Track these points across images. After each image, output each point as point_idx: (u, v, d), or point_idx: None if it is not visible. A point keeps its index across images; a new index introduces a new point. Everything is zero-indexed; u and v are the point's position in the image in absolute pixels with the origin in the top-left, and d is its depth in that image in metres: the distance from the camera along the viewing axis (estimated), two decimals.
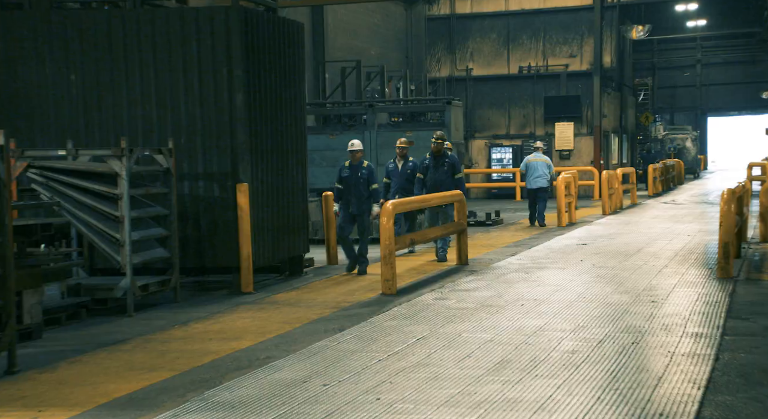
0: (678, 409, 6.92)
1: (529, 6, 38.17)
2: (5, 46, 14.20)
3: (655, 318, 10.65)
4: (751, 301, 11.64)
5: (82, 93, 14.06)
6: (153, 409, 7.32)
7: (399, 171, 17.46)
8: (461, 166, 17.82)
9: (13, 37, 14.24)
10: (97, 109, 14.00)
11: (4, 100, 13.94)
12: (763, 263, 15.25)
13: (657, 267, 14.86)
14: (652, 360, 8.60)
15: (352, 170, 15.36)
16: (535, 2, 38.24)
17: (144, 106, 13.95)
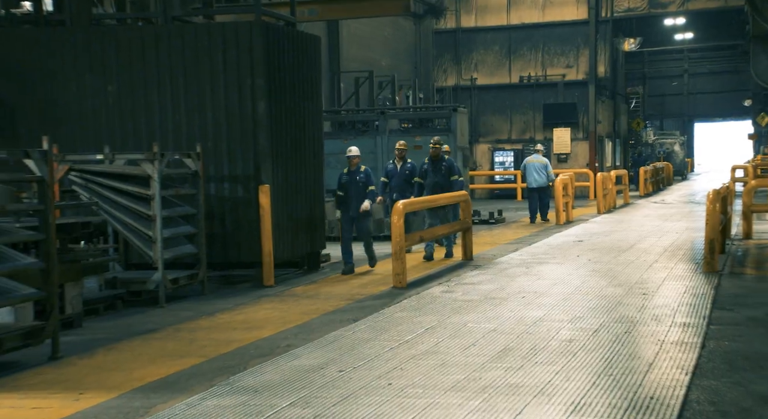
0: (667, 393, 6.93)
1: (529, 20, 38.11)
2: (50, 59, 14.27)
3: (646, 309, 10.65)
4: (734, 293, 11.62)
5: (118, 102, 14.13)
6: (183, 392, 7.35)
7: (398, 172, 17.13)
8: (458, 169, 17.54)
9: (56, 51, 14.32)
10: (132, 116, 14.07)
11: (48, 108, 14.02)
12: (746, 258, 15.23)
13: (648, 262, 14.85)
14: (643, 347, 8.60)
15: (351, 175, 14.83)
16: (534, 16, 38.17)
17: (174, 113, 14.00)
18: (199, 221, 12.79)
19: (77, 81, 14.21)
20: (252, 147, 13.59)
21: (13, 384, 7.92)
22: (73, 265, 10.50)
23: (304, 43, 15.71)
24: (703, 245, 14.06)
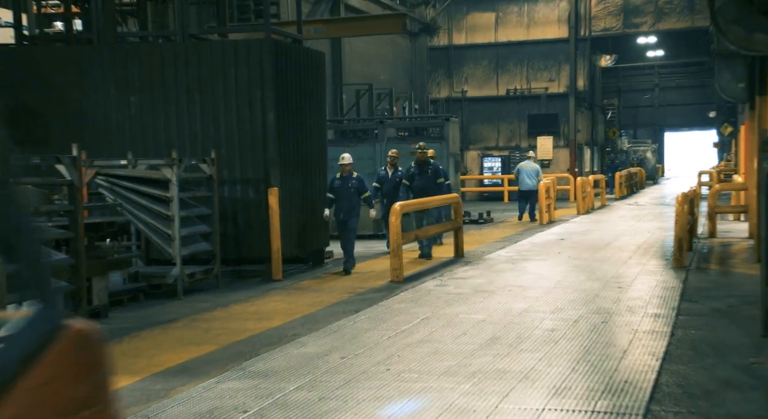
0: (640, 377, 6.98)
1: (515, 38, 38.16)
2: (79, 73, 14.31)
3: (621, 301, 10.71)
4: (700, 287, 11.68)
5: (140, 112, 14.17)
6: (200, 376, 7.39)
7: (389, 178, 16.76)
8: (444, 172, 17.28)
9: (85, 65, 14.36)
10: (152, 126, 14.11)
11: (78, 118, 14.07)
12: (711, 255, 15.28)
13: (623, 259, 14.91)
14: (618, 336, 8.65)
15: (343, 181, 14.40)
16: (520, 35, 38.23)
17: (191, 123, 14.04)
18: (213, 221, 12.84)
19: (104, 94, 14.25)
20: (262, 154, 13.64)
21: None
22: (100, 261, 10.55)
23: (309, 59, 15.76)
24: (673, 243, 14.11)
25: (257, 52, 13.99)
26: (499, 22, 38.68)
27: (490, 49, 38.58)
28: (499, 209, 28.91)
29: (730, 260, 14.50)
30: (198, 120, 14.04)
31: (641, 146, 53.00)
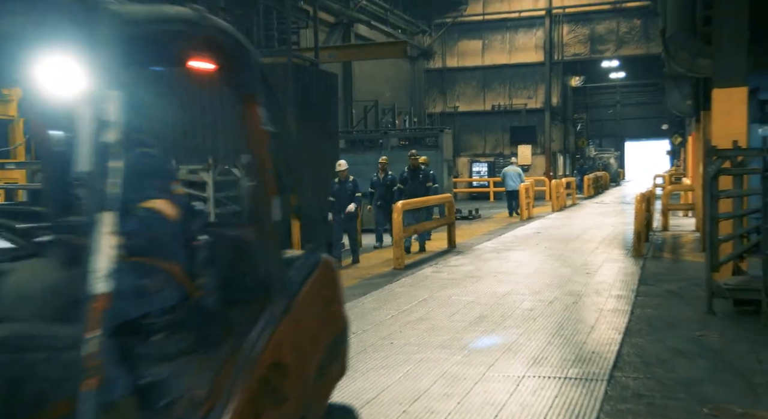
0: (605, 348, 7.00)
1: (499, 62, 38.12)
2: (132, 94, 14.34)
3: (589, 284, 10.71)
4: (655, 272, 11.65)
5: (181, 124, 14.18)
6: None
7: (380, 182, 15.83)
8: (434, 177, 16.46)
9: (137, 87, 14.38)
10: (192, 135, 14.12)
11: None
12: (664, 246, 15.24)
13: (590, 249, 14.88)
14: (587, 314, 8.66)
15: (341, 185, 13.79)
16: (503, 59, 38.19)
17: (224, 134, 14.05)
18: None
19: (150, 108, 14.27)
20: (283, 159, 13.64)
21: None
22: None
23: (324, 78, 15.78)
24: (632, 236, 14.10)
25: (281, 74, 14.01)
26: (485, 49, 38.62)
27: (477, 71, 38.55)
28: (486, 206, 28.85)
29: (680, 250, 14.47)
30: (230, 132, 14.04)
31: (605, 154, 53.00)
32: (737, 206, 9.12)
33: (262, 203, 3.19)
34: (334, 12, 27.08)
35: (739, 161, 8.93)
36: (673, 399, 5.52)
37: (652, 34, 35.75)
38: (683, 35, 12.83)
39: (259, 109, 3.20)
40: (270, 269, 3.17)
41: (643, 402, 5.45)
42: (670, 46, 13.28)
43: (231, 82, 3.26)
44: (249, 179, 3.46)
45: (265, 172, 3.24)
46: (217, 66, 3.04)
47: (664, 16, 15.02)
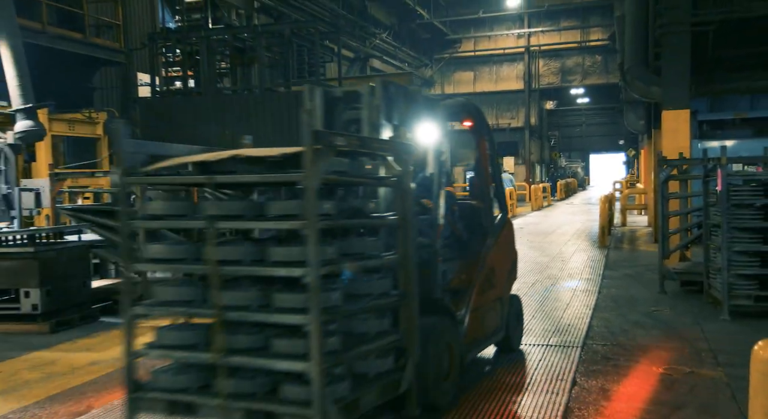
0: (578, 322, 6.96)
1: (487, 89, 38.10)
2: (192, 115, 14.40)
3: (564, 270, 10.65)
4: (616, 260, 11.58)
5: (232, 141, 14.19)
6: None
7: None
8: None
9: (195, 110, 14.46)
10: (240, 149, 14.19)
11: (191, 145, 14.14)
12: (623, 238, 15.14)
13: (564, 241, 14.80)
14: (562, 294, 8.60)
15: None
16: (490, 87, 38.18)
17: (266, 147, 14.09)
18: None
19: (207, 128, 14.32)
20: None
21: None
22: None
23: None
24: (597, 230, 14.03)
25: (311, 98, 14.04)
26: (476, 79, 38.58)
27: (471, 96, 38.49)
28: None
29: (636, 242, 14.40)
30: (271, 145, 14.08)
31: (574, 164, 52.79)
32: (683, 206, 9.12)
33: (483, 188, 5.52)
34: (353, 49, 27.11)
35: (684, 169, 8.96)
36: (634, 361, 5.49)
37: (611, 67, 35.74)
38: (638, 68, 12.82)
39: (485, 143, 5.59)
40: (487, 221, 5.38)
41: (610, 364, 5.42)
42: (628, 76, 13.26)
43: (475, 130, 5.50)
44: (476, 177, 5.68)
45: (486, 173, 5.53)
46: (471, 123, 5.39)
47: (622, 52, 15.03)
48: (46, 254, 7.14)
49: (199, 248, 3.63)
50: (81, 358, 6.02)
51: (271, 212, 3.54)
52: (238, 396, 3.48)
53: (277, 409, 3.40)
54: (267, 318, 3.46)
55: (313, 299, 3.25)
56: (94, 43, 14.98)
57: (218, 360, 3.49)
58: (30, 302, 6.99)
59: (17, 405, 4.81)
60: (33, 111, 9.28)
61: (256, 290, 3.55)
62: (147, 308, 3.72)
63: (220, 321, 3.50)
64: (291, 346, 3.41)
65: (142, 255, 3.78)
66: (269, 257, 3.50)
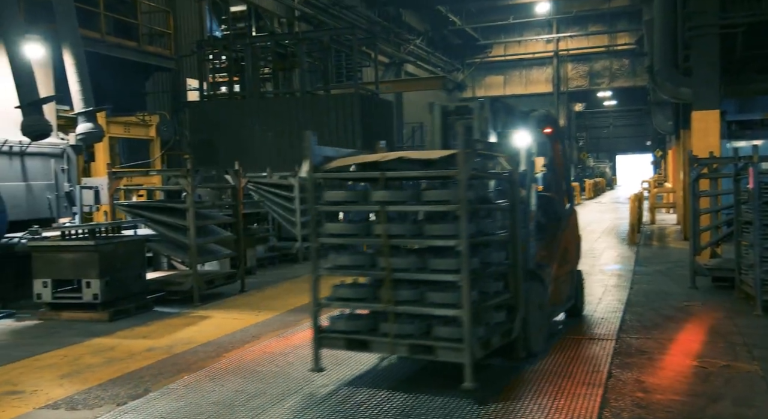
0: (611, 315, 6.84)
1: (518, 92, 37.78)
2: (236, 118, 14.57)
3: (596, 265, 10.47)
4: (646, 256, 11.35)
5: (274, 142, 14.36)
6: None
7: None
8: None
9: (240, 112, 14.62)
10: (281, 150, 14.28)
11: (236, 147, 14.29)
12: (652, 236, 14.85)
13: (594, 238, 14.51)
14: (595, 288, 8.43)
15: None
16: (520, 90, 37.88)
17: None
18: None
19: (251, 129, 14.48)
20: None
21: (221, 305, 8.08)
22: (251, 237, 10.68)
23: (382, 105, 15.78)
24: (627, 228, 13.78)
25: (349, 101, 14.08)
26: (506, 82, 38.28)
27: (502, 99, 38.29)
28: None
29: (665, 239, 14.10)
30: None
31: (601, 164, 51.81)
32: (713, 203, 8.90)
33: (558, 183, 6.22)
34: (388, 55, 27.11)
35: (715, 168, 8.74)
36: (669, 354, 5.37)
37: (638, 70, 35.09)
38: (668, 70, 12.55)
39: (559, 146, 6.30)
40: (559, 209, 6.16)
41: (645, 357, 5.30)
42: (657, 78, 12.98)
43: (552, 136, 6.09)
44: (550, 173, 6.25)
45: (560, 171, 6.27)
46: (550, 130, 6.01)
47: (651, 55, 14.73)
48: (106, 247, 7.27)
49: (366, 226, 4.73)
50: (138, 345, 6.12)
51: (425, 198, 4.47)
52: (402, 335, 4.46)
53: (435, 344, 4.38)
54: (427, 277, 4.47)
55: (464, 263, 4.24)
56: (147, 51, 15.23)
57: (388, 308, 4.49)
58: (91, 292, 7.13)
59: (82, 387, 4.91)
60: (93, 114, 9.45)
61: (414, 257, 4.54)
62: (329, 270, 4.78)
63: (389, 279, 4.49)
64: (443, 298, 4.39)
65: (324, 231, 4.79)
66: (425, 232, 4.49)
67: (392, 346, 4.49)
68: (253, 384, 4.82)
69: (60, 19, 9.24)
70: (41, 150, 9.26)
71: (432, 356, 4.41)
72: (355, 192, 4.75)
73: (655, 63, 13.40)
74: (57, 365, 5.53)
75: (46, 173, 9.34)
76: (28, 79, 8.37)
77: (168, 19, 16.29)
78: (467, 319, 4.21)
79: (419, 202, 4.49)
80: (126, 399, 4.60)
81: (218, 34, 18.93)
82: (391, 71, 28.38)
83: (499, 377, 4.81)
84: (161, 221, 8.37)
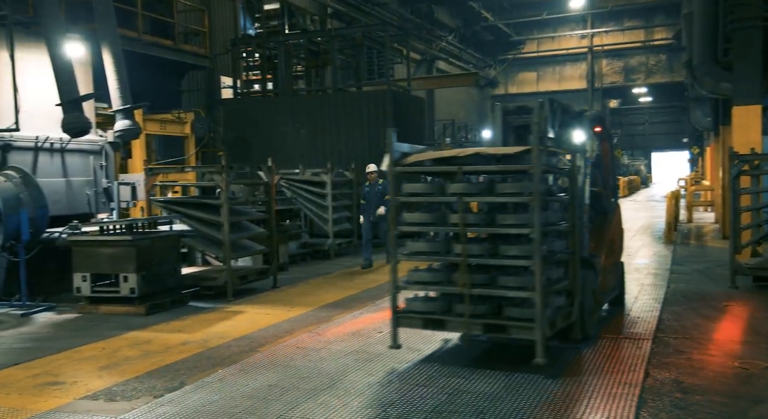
0: (648, 314, 6.72)
1: (550, 89, 37.33)
2: (270, 115, 14.67)
3: (631, 264, 10.17)
4: (684, 255, 11.13)
5: (306, 139, 14.41)
6: (348, 309, 7.43)
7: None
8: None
9: (273, 110, 14.72)
10: (314, 147, 14.33)
11: (269, 144, 14.38)
12: (690, 234, 14.54)
13: (629, 236, 13.98)
14: (631, 287, 8.23)
15: (371, 188, 10.85)
16: (554, 86, 37.42)
17: (338, 145, 14.19)
18: (353, 209, 12.88)
19: (284, 127, 14.56)
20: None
21: (254, 300, 8.16)
22: (284, 233, 10.72)
23: (414, 102, 15.73)
24: (663, 226, 13.51)
25: (381, 98, 14.05)
26: (539, 79, 37.87)
27: (533, 96, 37.75)
28: None
29: (703, 238, 13.79)
30: (343, 143, 14.19)
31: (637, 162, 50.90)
32: (754, 201, 8.66)
33: (605, 179, 6.36)
34: (420, 51, 27.02)
35: (756, 165, 8.50)
36: (708, 355, 5.24)
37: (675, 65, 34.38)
38: (707, 65, 12.25)
39: (607, 144, 6.47)
40: (606, 204, 6.35)
41: (683, 357, 5.19)
42: (696, 73, 12.68)
43: (601, 135, 6.20)
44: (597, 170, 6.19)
45: (607, 167, 6.44)
46: (600, 129, 6.19)
47: (690, 50, 14.39)
48: (142, 242, 7.39)
49: (441, 216, 5.17)
50: (173, 338, 6.21)
51: (499, 190, 4.95)
52: (476, 315, 4.94)
53: (508, 323, 4.84)
54: (501, 262, 4.96)
55: (537, 250, 4.68)
56: (183, 49, 15.43)
57: (465, 291, 4.93)
58: (128, 286, 7.26)
59: (120, 379, 5.00)
60: (130, 111, 9.61)
61: (487, 244, 5.03)
62: (408, 256, 5.25)
63: (465, 264, 4.93)
64: (516, 281, 4.86)
65: (403, 220, 5.27)
66: (497, 222, 4.97)
67: (468, 325, 4.93)
68: (287, 379, 4.85)
69: (99, 19, 9.41)
70: (81, 147, 9.46)
71: (504, 334, 4.88)
72: (432, 184, 5.23)
73: (694, 57, 13.09)
74: (96, 357, 5.64)
75: (86, 169, 9.54)
76: (69, 78, 8.55)
77: (203, 17, 16.48)
78: (539, 301, 4.65)
79: (492, 194, 4.97)
80: (162, 392, 4.67)
81: (252, 33, 19.09)
82: (423, 68, 28.29)
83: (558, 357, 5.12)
84: (196, 216, 8.48)
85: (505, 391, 4.43)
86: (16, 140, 8.50)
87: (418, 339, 5.93)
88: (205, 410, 4.28)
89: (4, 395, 4.72)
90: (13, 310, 7.66)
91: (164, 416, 4.20)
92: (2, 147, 8.36)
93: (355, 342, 5.88)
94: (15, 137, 8.45)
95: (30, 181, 8.01)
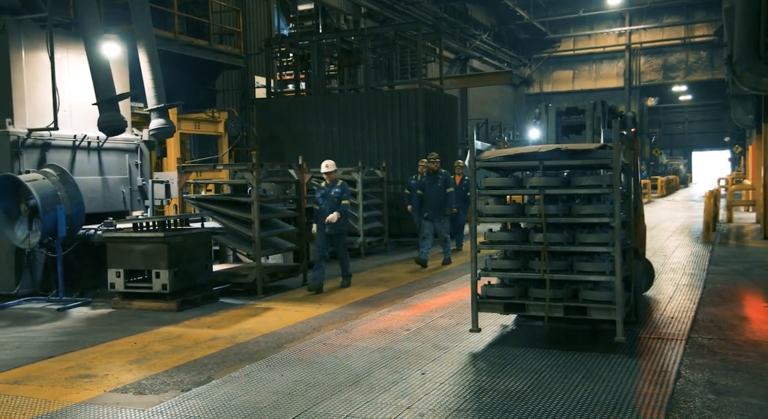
0: (682, 315, 6.56)
1: (587, 87, 36.80)
2: (302, 114, 14.74)
3: (666, 264, 10.06)
4: (722, 255, 10.84)
5: (338, 137, 14.45)
6: (377, 306, 7.42)
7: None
8: (453, 181, 11.36)
9: (306, 109, 14.79)
10: (346, 145, 14.35)
11: (301, 143, 14.47)
12: (729, 234, 14.14)
13: (666, 236, 13.98)
14: (665, 287, 8.13)
15: (328, 189, 8.75)
16: (590, 85, 36.85)
17: (370, 143, 14.19)
18: (384, 207, 12.90)
19: (316, 125, 14.62)
20: (415, 163, 13.55)
21: (283, 297, 8.20)
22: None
23: (446, 101, 15.64)
24: (701, 226, 13.17)
25: (413, 97, 14.00)
26: (575, 77, 37.34)
27: (568, 95, 37.27)
28: None
29: (744, 238, 13.40)
30: (375, 141, 14.18)
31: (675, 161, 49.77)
32: None
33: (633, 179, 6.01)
34: (453, 50, 26.89)
35: None
36: (744, 356, 5.09)
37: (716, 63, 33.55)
38: (749, 59, 11.86)
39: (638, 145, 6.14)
40: (638, 203, 6.15)
41: (718, 358, 5.05)
42: (737, 68, 12.30)
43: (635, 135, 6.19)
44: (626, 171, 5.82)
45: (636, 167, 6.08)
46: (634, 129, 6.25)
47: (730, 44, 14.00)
48: (174, 239, 7.50)
49: (520, 207, 5.63)
50: (203, 334, 6.29)
51: (577, 183, 5.37)
52: (556, 299, 5.35)
53: (589, 305, 5.25)
54: (581, 249, 5.35)
55: (617, 238, 5.14)
56: (218, 49, 15.63)
57: (546, 276, 5.34)
58: (160, 282, 7.37)
59: (149, 373, 5.08)
60: (165, 110, 9.76)
61: (565, 232, 5.43)
62: (488, 245, 5.67)
63: (545, 251, 5.34)
64: (596, 267, 5.28)
65: (486, 211, 5.68)
66: (574, 212, 5.40)
67: (549, 308, 5.33)
68: (312, 375, 4.86)
69: (136, 20, 9.59)
70: (116, 145, 9.64)
71: (584, 315, 5.28)
72: (513, 178, 5.68)
73: (735, 53, 12.71)
74: (127, 351, 5.74)
75: (121, 167, 9.72)
76: (106, 78, 8.72)
77: (238, 18, 16.67)
78: (618, 284, 5.08)
79: (570, 186, 5.39)
80: (190, 386, 4.73)
81: (286, 33, 19.24)
82: (456, 67, 28.15)
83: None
84: (227, 214, 8.57)
85: (533, 391, 4.35)
86: (55, 139, 8.71)
87: (445, 336, 5.89)
88: (231, 404, 4.32)
89: (37, 386, 4.84)
90: (50, 305, 7.86)
91: (191, 409, 4.25)
92: (42, 146, 8.57)
93: (382, 340, 5.87)
94: (54, 135, 8.66)
95: (67, 179, 8.19)
